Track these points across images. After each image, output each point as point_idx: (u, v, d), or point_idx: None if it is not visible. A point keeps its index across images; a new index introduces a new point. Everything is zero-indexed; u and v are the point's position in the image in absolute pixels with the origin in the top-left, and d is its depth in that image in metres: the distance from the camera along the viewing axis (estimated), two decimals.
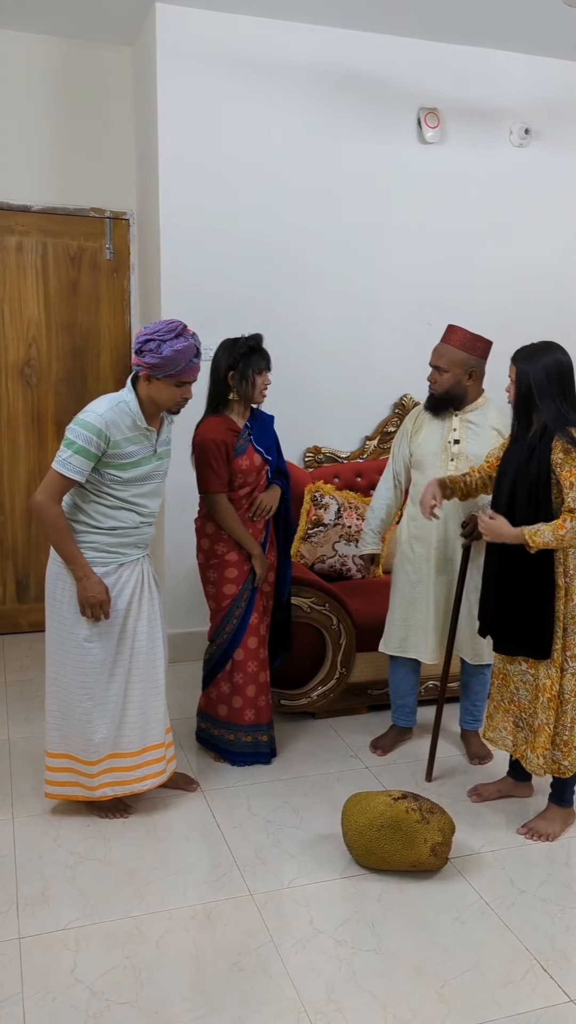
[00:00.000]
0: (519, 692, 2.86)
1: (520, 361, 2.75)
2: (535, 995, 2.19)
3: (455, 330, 3.16)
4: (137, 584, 2.82)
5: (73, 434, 2.63)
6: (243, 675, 3.20)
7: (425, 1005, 2.15)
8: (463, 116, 4.33)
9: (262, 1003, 2.14)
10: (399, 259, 4.37)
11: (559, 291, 4.63)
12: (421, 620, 3.26)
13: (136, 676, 2.85)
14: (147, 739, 2.89)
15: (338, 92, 4.14)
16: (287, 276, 4.21)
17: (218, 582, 3.18)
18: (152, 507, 2.84)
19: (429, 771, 3.26)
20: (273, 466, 3.23)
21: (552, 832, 2.90)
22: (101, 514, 2.73)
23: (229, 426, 3.11)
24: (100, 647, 2.78)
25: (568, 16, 3.76)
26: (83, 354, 4.56)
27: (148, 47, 4.01)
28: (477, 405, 3.20)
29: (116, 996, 2.15)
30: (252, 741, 3.25)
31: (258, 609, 3.20)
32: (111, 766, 2.85)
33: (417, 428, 3.27)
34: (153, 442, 2.78)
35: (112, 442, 2.65)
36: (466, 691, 3.43)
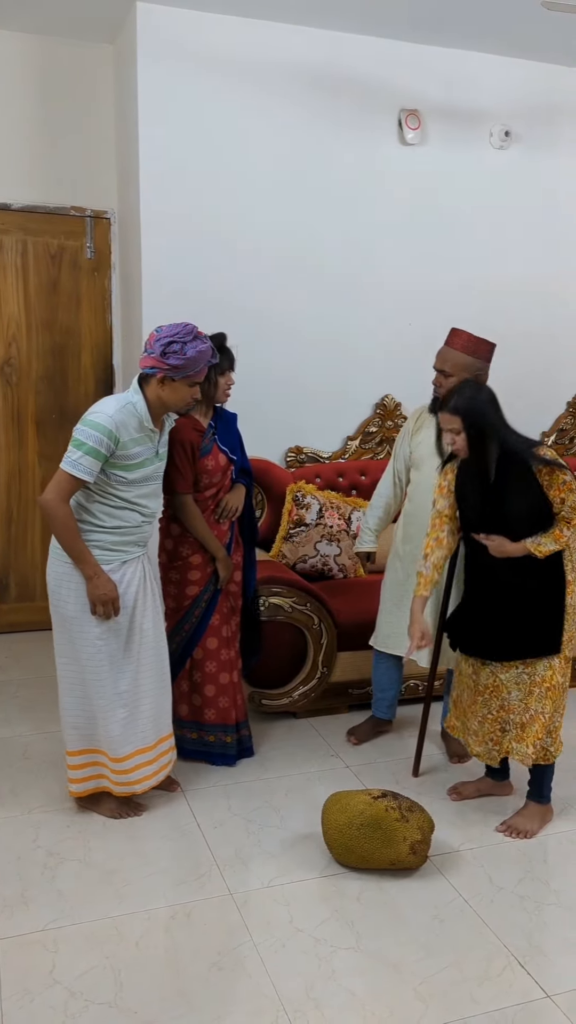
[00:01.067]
0: (511, 695, 2.88)
1: (460, 411, 2.75)
2: (512, 991, 2.21)
3: (459, 333, 3.14)
4: (140, 580, 2.85)
5: (83, 435, 2.63)
6: (201, 674, 3.19)
7: (403, 1003, 2.16)
8: (444, 118, 4.35)
9: (241, 1002, 2.14)
10: (380, 260, 4.38)
11: (540, 292, 4.66)
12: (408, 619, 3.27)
13: (145, 670, 2.87)
14: (160, 731, 2.93)
15: (319, 92, 4.15)
16: (268, 276, 4.22)
17: (181, 583, 3.17)
18: (153, 507, 2.86)
19: (416, 766, 3.28)
20: (237, 465, 3.22)
21: (531, 829, 2.92)
22: (106, 514, 2.74)
23: (194, 425, 3.10)
24: (110, 644, 2.79)
25: (548, 19, 3.79)
26: (63, 353, 4.54)
27: (129, 45, 4.00)
28: None
29: (95, 997, 2.15)
30: (216, 741, 3.25)
31: (220, 611, 3.19)
32: (139, 762, 2.88)
33: (418, 427, 3.30)
34: (156, 443, 2.80)
35: (120, 443, 2.67)
36: (449, 688, 3.44)
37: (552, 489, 2.73)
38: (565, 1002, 2.17)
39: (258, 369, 4.13)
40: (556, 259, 4.67)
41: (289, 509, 4.00)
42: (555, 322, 4.68)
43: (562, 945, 2.38)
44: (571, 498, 2.72)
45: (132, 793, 2.89)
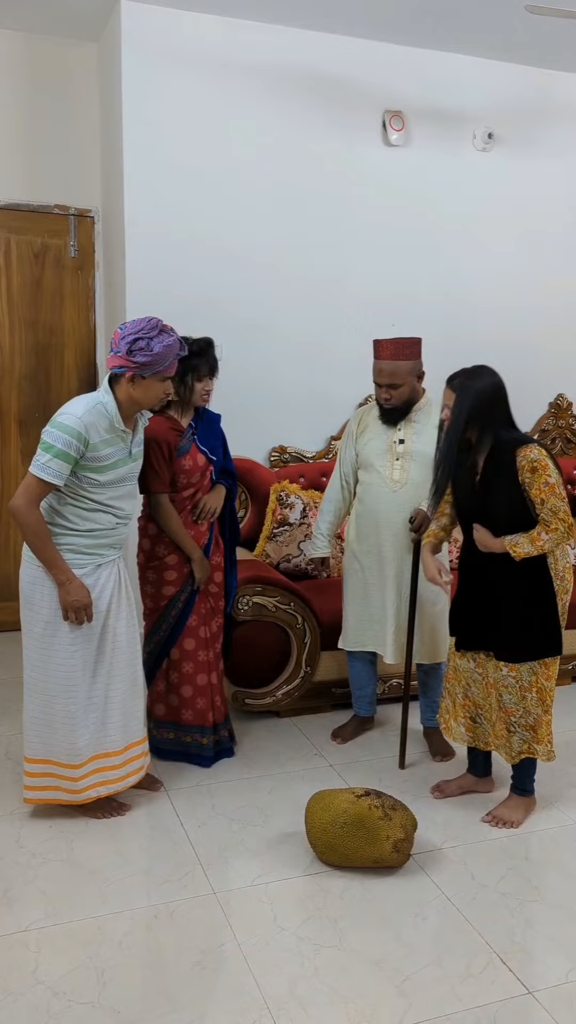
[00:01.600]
0: (471, 688, 2.95)
1: (457, 388, 2.77)
2: (494, 988, 2.22)
3: (386, 345, 3.14)
4: (115, 584, 2.82)
5: (51, 437, 2.59)
6: (178, 675, 3.19)
7: (386, 1000, 2.16)
8: (428, 119, 4.37)
9: (224, 1001, 2.15)
10: (364, 260, 4.39)
11: (521, 292, 4.69)
12: (377, 616, 3.32)
13: (117, 675, 2.85)
14: (129, 736, 2.90)
15: (304, 93, 4.15)
16: (252, 275, 4.22)
17: (157, 583, 3.16)
18: (127, 509, 2.83)
19: (401, 759, 3.31)
20: (219, 466, 3.20)
21: (515, 819, 2.95)
22: (78, 517, 2.71)
23: (172, 425, 3.08)
24: (83, 649, 2.76)
25: (532, 22, 3.81)
26: (46, 352, 4.53)
27: (113, 44, 3.99)
28: (421, 404, 3.27)
29: (78, 996, 2.14)
30: (192, 742, 3.24)
31: (198, 612, 3.18)
32: (97, 767, 2.84)
33: (362, 429, 3.32)
34: (128, 444, 2.76)
35: (90, 445, 2.63)
36: (424, 689, 3.47)
37: (533, 489, 2.72)
38: (547, 999, 2.19)
39: (242, 369, 4.13)
40: (538, 260, 4.70)
41: (273, 509, 4.01)
42: (537, 323, 4.71)
43: (544, 942, 2.40)
44: (551, 501, 2.70)
45: (88, 800, 2.85)
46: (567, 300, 4.79)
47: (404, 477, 3.23)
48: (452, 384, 2.78)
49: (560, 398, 4.87)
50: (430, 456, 3.22)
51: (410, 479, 3.23)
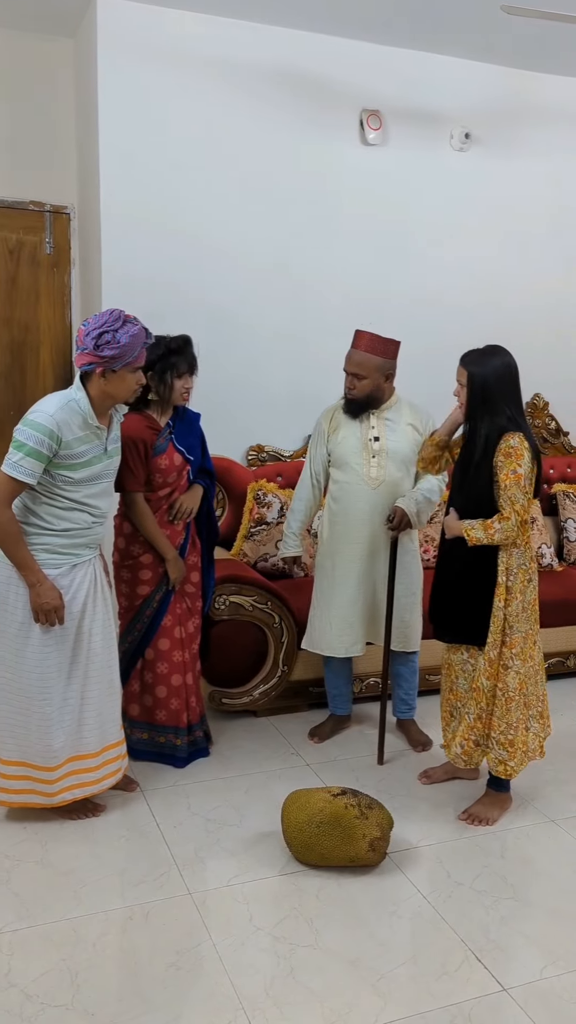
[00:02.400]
0: (458, 681, 2.97)
1: (470, 364, 2.82)
2: (469, 985, 2.23)
3: (363, 335, 3.20)
4: (91, 585, 2.80)
5: (23, 436, 2.56)
6: (152, 675, 3.17)
7: (361, 998, 2.16)
8: (405, 119, 4.37)
9: (199, 1001, 2.14)
10: (341, 258, 4.39)
11: (498, 292, 4.70)
12: (347, 615, 3.32)
13: (93, 677, 2.82)
14: (106, 739, 2.87)
15: (281, 91, 4.14)
16: (229, 273, 4.20)
17: (132, 582, 3.14)
18: (103, 507, 2.80)
19: (380, 754, 3.32)
20: (197, 465, 3.19)
21: (491, 817, 2.97)
22: (53, 516, 2.68)
23: (149, 424, 3.06)
24: (58, 650, 2.74)
25: (508, 23, 3.83)
26: (22, 349, 4.49)
27: (89, 40, 3.96)
28: (391, 404, 3.30)
29: (51, 999, 2.13)
30: (165, 742, 3.22)
31: (173, 612, 3.16)
32: (72, 769, 2.82)
33: (335, 428, 3.32)
34: (103, 440, 2.74)
35: (63, 443, 2.60)
36: (398, 681, 3.50)
37: (501, 473, 2.72)
38: (521, 995, 2.20)
39: (219, 367, 4.11)
40: (515, 260, 4.72)
41: (250, 508, 4.00)
42: (514, 322, 4.72)
43: (518, 939, 2.41)
44: (512, 490, 2.70)
45: (64, 803, 2.83)
46: (544, 300, 4.81)
47: (381, 474, 3.24)
48: (464, 360, 2.83)
49: (536, 398, 4.90)
50: (405, 454, 3.26)
51: (388, 476, 3.24)
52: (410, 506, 3.20)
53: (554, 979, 2.25)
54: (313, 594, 3.43)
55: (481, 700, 2.84)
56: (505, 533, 2.72)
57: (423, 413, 3.34)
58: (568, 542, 4.58)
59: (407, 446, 3.27)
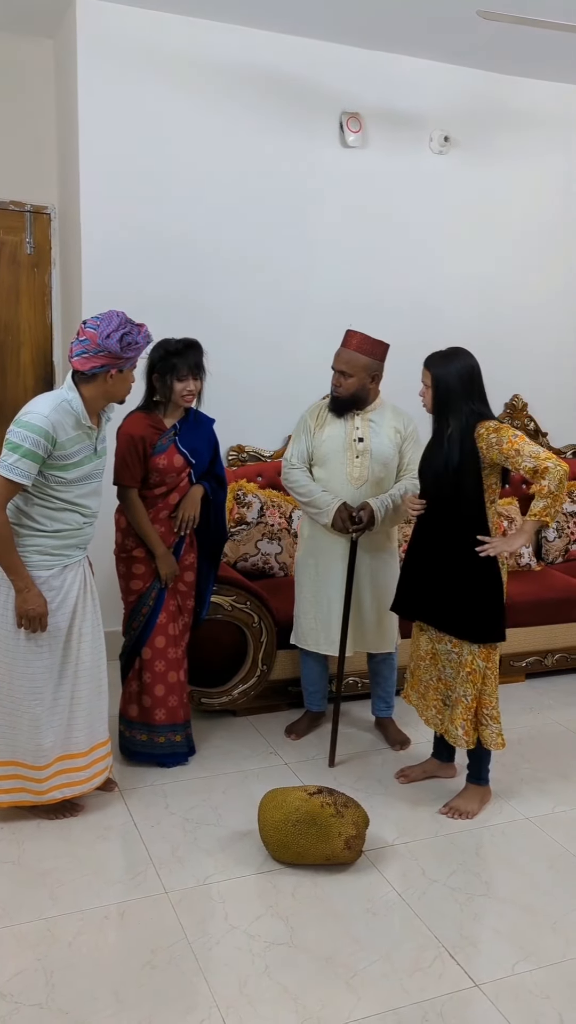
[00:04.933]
0: (445, 670, 3.01)
1: (433, 366, 2.90)
2: (442, 981, 2.25)
3: (354, 335, 3.24)
4: (81, 586, 2.81)
5: (18, 437, 2.57)
6: (151, 674, 3.18)
7: (335, 995, 2.18)
8: (385, 121, 4.39)
9: (174, 1000, 2.15)
10: (322, 259, 4.41)
11: (478, 294, 4.74)
12: (334, 614, 3.34)
13: (83, 677, 2.84)
14: (94, 738, 2.89)
15: (261, 93, 4.16)
16: (210, 274, 4.21)
17: (127, 576, 3.19)
18: (94, 507, 2.82)
19: (332, 756, 3.35)
20: (201, 469, 3.21)
21: (471, 810, 3.01)
22: (46, 517, 2.69)
23: (153, 423, 3.10)
24: (49, 651, 2.75)
25: (485, 28, 3.85)
26: (2, 350, 4.48)
27: (68, 40, 3.96)
28: (376, 406, 3.33)
29: (26, 999, 2.13)
30: (166, 742, 3.24)
31: (167, 609, 3.18)
32: (61, 768, 2.83)
33: (320, 425, 3.35)
34: (93, 440, 2.76)
35: (58, 443, 2.61)
36: (376, 679, 3.53)
37: (504, 445, 2.71)
38: (492, 991, 2.22)
39: None
40: (493, 262, 4.75)
41: (231, 508, 4.01)
42: (492, 323, 4.76)
43: (491, 935, 2.43)
44: (528, 447, 2.68)
45: (54, 801, 2.84)
46: (522, 300, 4.85)
47: (364, 474, 3.27)
48: (426, 362, 2.90)
49: (515, 398, 4.93)
50: (388, 456, 3.28)
51: (371, 476, 3.27)
52: (379, 508, 3.23)
53: (525, 975, 2.28)
54: (296, 591, 3.45)
55: (477, 681, 2.91)
56: (555, 477, 2.63)
57: (405, 416, 3.37)
58: (547, 542, 4.61)
59: (390, 448, 3.31)
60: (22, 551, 2.68)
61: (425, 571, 2.97)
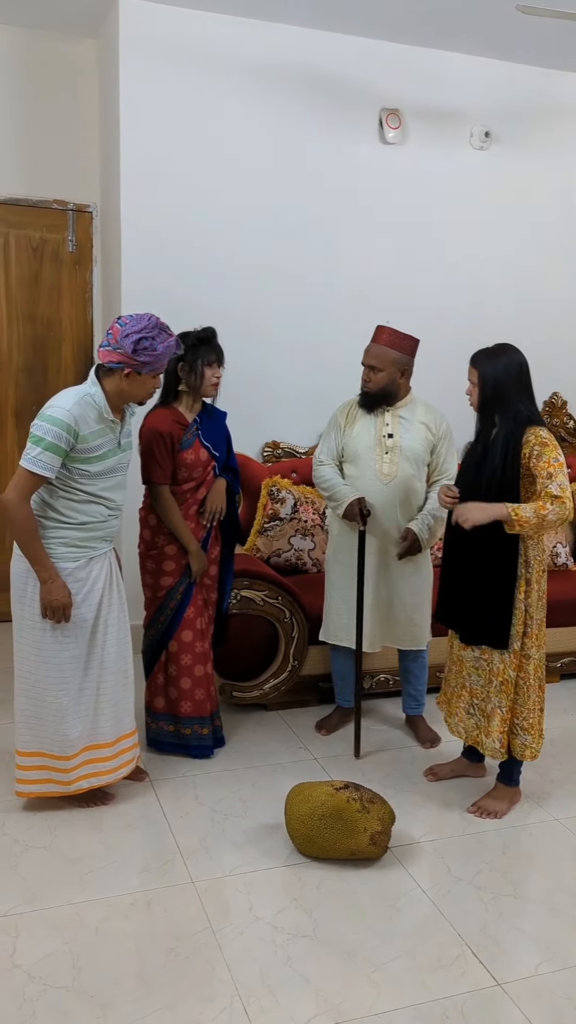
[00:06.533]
0: (471, 677, 2.97)
1: (481, 364, 2.84)
2: (464, 979, 2.25)
3: (384, 330, 3.25)
4: (107, 577, 2.85)
5: (41, 430, 2.62)
6: (177, 667, 3.22)
7: (355, 988, 2.20)
8: (424, 118, 4.38)
9: (196, 987, 2.18)
10: (358, 257, 4.41)
11: (517, 291, 4.70)
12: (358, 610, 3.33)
13: (109, 667, 2.88)
14: (121, 728, 2.93)
15: (300, 90, 4.17)
16: (247, 272, 4.24)
17: (156, 573, 3.20)
18: (118, 500, 2.85)
19: (356, 749, 3.36)
20: (222, 462, 3.24)
21: (500, 810, 2.99)
22: (71, 509, 2.74)
23: (176, 418, 3.12)
24: (75, 641, 2.80)
25: (525, 22, 3.82)
26: (44, 345, 4.56)
27: (111, 40, 4.01)
28: (406, 402, 3.32)
29: (53, 981, 2.18)
30: (192, 734, 3.27)
31: (195, 603, 3.21)
32: (88, 758, 2.88)
33: (350, 422, 3.35)
34: (117, 434, 2.79)
35: (80, 436, 2.66)
36: (407, 677, 3.53)
37: (542, 461, 2.72)
38: (515, 990, 2.22)
39: (236, 364, 4.09)
40: (535, 259, 4.71)
41: (264, 503, 4.04)
42: (533, 321, 4.71)
43: (515, 935, 2.42)
44: (560, 477, 2.70)
45: (80, 791, 2.88)
46: (562, 298, 4.79)
47: (393, 471, 3.26)
48: (473, 360, 2.86)
49: (555, 396, 4.88)
50: (418, 452, 3.28)
51: (400, 472, 3.26)
52: (422, 530, 3.26)
53: (549, 976, 2.27)
54: (326, 586, 3.47)
55: (510, 692, 2.88)
56: (559, 515, 2.67)
57: (437, 414, 3.36)
58: None
59: (420, 444, 3.30)
60: (47, 543, 2.72)
61: (455, 574, 2.94)
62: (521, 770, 3.05)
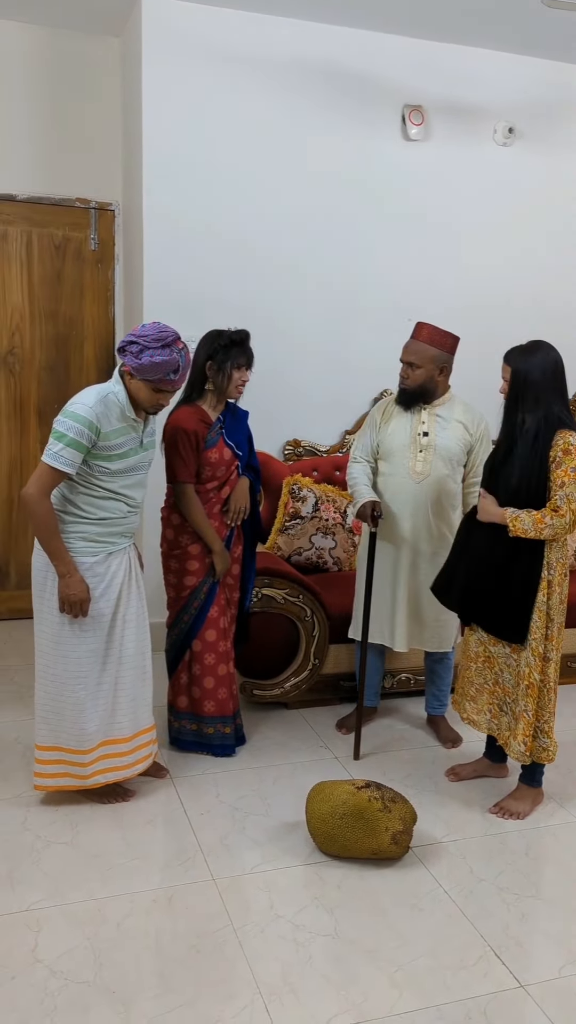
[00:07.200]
0: (503, 675, 2.95)
1: (515, 360, 2.81)
2: (486, 980, 2.23)
3: (424, 327, 3.23)
4: (126, 572, 2.86)
5: (64, 427, 2.64)
6: (200, 667, 3.21)
7: (377, 989, 2.19)
8: (448, 114, 4.35)
9: (217, 984, 2.18)
10: (381, 255, 4.39)
11: (540, 289, 4.66)
12: (387, 608, 3.33)
13: (127, 662, 2.89)
14: (138, 724, 2.94)
15: (323, 88, 4.16)
16: (269, 271, 4.23)
17: (179, 572, 3.19)
18: (138, 498, 2.87)
19: (356, 750, 3.35)
20: (244, 461, 3.24)
21: (522, 811, 2.98)
22: (91, 505, 2.75)
23: (201, 417, 3.12)
24: (94, 636, 2.81)
25: (551, 16, 3.79)
26: (66, 343, 4.58)
27: (135, 39, 4.02)
28: (444, 400, 3.28)
29: (75, 976, 2.19)
30: (215, 733, 3.27)
31: (218, 603, 3.21)
32: (105, 753, 2.89)
33: (386, 419, 3.33)
34: (140, 433, 2.80)
35: (102, 434, 2.67)
36: (431, 677, 3.52)
37: (559, 469, 2.71)
38: (538, 992, 2.20)
39: (257, 362, 4.08)
40: (559, 256, 4.67)
41: (285, 502, 4.03)
42: (557, 319, 4.67)
43: (538, 937, 2.41)
44: (570, 487, 2.69)
45: (97, 785, 2.89)
46: None
47: (427, 469, 3.24)
48: (508, 359, 2.82)
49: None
50: (453, 452, 3.25)
51: (433, 471, 3.24)
52: None
53: (572, 978, 2.25)
54: (356, 584, 3.45)
55: (535, 695, 2.86)
56: (555, 530, 2.71)
57: (476, 414, 3.32)
58: None
59: (456, 444, 3.26)
60: (67, 537, 2.74)
61: (476, 569, 2.92)
62: (544, 771, 3.03)
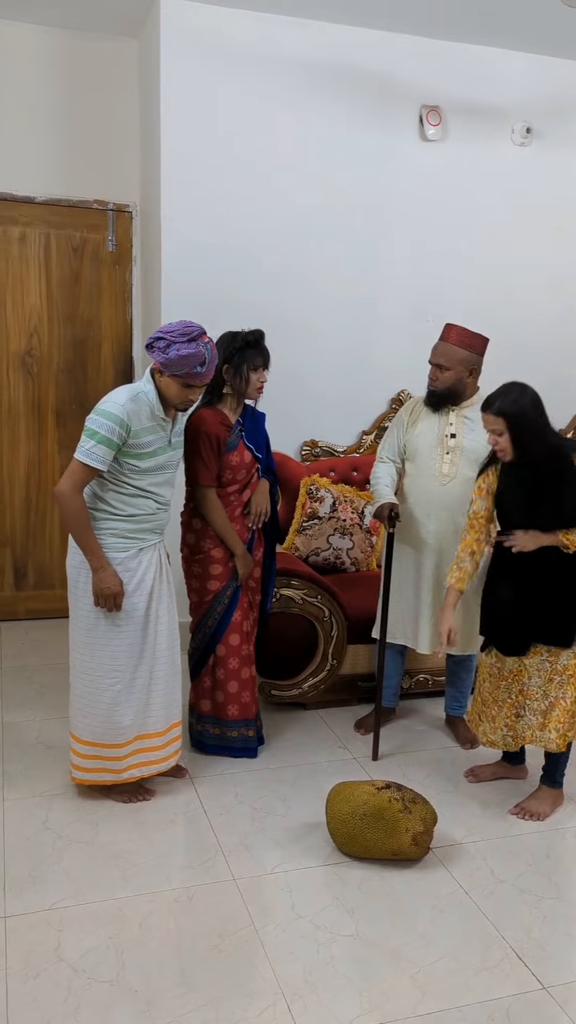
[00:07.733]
0: (531, 681, 2.93)
1: (505, 406, 2.75)
2: (508, 982, 2.23)
3: (453, 328, 3.22)
4: (157, 568, 2.90)
5: (96, 424, 2.68)
6: (224, 671, 3.21)
7: (399, 989, 2.18)
8: (465, 114, 4.34)
9: (239, 984, 2.18)
10: (398, 256, 4.39)
11: (558, 289, 4.64)
12: (411, 609, 3.32)
13: (161, 657, 2.93)
14: (171, 718, 2.99)
15: (341, 88, 4.16)
16: (286, 272, 4.24)
17: (202, 577, 3.18)
18: (167, 495, 2.91)
19: (375, 751, 3.35)
20: (263, 464, 3.24)
21: (543, 812, 2.97)
22: (120, 502, 2.79)
23: (222, 420, 3.11)
24: (129, 631, 2.85)
25: (569, 16, 3.77)
26: (84, 345, 4.60)
27: (153, 40, 4.03)
28: (473, 401, 3.27)
29: (97, 975, 2.20)
30: (238, 736, 3.27)
31: (241, 606, 3.20)
32: (140, 747, 2.93)
33: (414, 420, 3.32)
34: (168, 432, 2.83)
35: (132, 432, 2.71)
36: (452, 679, 3.51)
37: None
38: (561, 994, 2.19)
39: (275, 362, 4.09)
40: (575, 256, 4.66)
41: (303, 502, 4.03)
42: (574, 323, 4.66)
43: (561, 939, 2.40)
44: None
45: (132, 779, 2.93)
46: None
47: (453, 471, 3.24)
48: (492, 408, 2.77)
49: None
50: (480, 454, 3.22)
51: (459, 473, 3.23)
52: None
53: None
54: (381, 584, 3.44)
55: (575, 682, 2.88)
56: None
57: None
58: None
59: (483, 446, 3.19)
60: (98, 533, 2.78)
61: (528, 596, 2.88)
62: (565, 772, 3.01)
